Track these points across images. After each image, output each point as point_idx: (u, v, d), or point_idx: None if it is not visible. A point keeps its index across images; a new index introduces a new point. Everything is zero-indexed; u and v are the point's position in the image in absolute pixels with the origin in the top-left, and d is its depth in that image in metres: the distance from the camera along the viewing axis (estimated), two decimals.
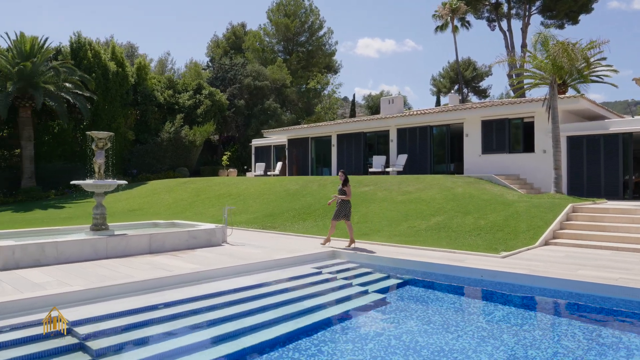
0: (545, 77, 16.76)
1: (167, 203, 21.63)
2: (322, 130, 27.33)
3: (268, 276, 8.19)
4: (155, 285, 7.18)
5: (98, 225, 10.15)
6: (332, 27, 52.08)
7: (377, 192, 17.21)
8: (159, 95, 35.46)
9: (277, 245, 11.03)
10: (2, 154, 30.77)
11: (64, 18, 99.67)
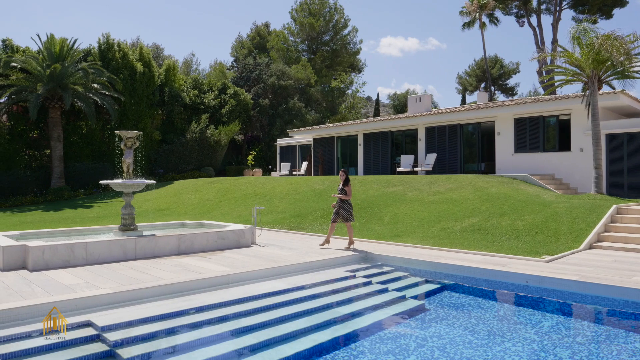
0: (578, 73, 16.08)
1: (193, 203, 21.57)
2: (348, 130, 26.96)
3: (300, 280, 7.89)
4: (185, 288, 6.95)
5: (127, 226, 10.01)
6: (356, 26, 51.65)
7: (406, 192, 16.77)
8: (185, 96, 35.61)
9: (307, 246, 10.73)
10: (33, 154, 31.28)
11: (92, 20, 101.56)
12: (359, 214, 15.28)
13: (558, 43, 27.99)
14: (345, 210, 10.40)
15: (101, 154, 31.81)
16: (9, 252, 7.99)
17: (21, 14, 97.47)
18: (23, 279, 7.23)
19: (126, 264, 8.50)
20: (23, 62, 27.22)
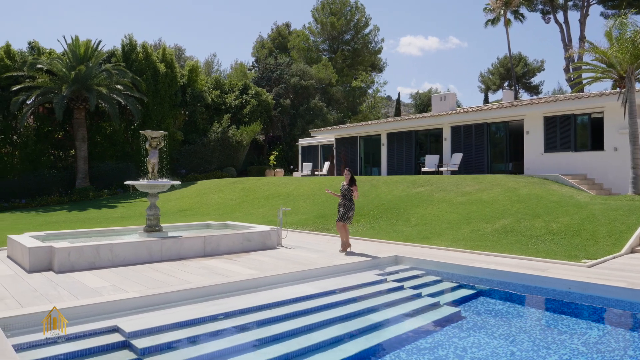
0: (608, 70, 15.47)
1: (216, 203, 21.49)
2: (371, 129, 26.62)
3: (329, 284, 7.63)
4: (212, 292, 6.75)
5: (152, 227, 9.88)
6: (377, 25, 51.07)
7: (433, 193, 16.37)
8: (206, 96, 35.70)
9: (334, 249, 10.46)
10: (58, 155, 31.70)
11: (115, 22, 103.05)
12: (385, 214, 14.96)
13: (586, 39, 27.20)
14: (347, 211, 9.90)
15: (125, 154, 32.06)
16: (35, 254, 7.90)
17: (46, 17, 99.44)
18: (49, 281, 7.12)
19: (152, 265, 8.35)
20: (49, 64, 27.56)
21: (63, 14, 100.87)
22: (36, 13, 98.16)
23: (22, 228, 15.95)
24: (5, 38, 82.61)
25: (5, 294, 6.31)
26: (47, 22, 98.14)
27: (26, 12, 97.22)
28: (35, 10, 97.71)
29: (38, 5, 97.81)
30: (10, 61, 28.39)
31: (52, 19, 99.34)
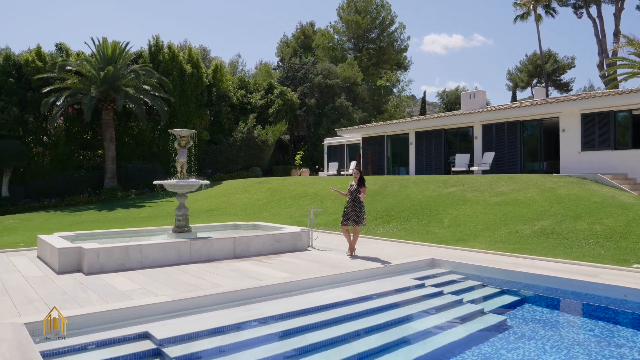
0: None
1: (242, 203, 21.33)
2: (399, 128, 26.13)
3: (365, 288, 7.27)
4: (245, 296, 6.47)
5: (181, 227, 9.69)
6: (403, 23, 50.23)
7: (466, 193, 15.85)
8: (232, 96, 35.71)
9: (368, 251, 10.10)
10: (87, 155, 32.11)
11: (141, 24, 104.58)
12: (416, 215, 14.52)
13: (622, 34, 26.19)
14: (357, 212, 9.31)
15: (151, 154, 32.28)
16: (64, 255, 7.77)
17: (74, 19, 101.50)
18: (78, 283, 6.95)
19: (181, 267, 8.13)
20: (78, 65, 27.89)
21: (90, 15, 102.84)
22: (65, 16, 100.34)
23: (52, 228, 16.04)
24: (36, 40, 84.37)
25: (35, 296, 6.15)
26: (75, 24, 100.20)
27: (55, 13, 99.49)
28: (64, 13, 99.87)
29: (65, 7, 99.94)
30: (41, 63, 28.85)
31: (79, 20, 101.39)
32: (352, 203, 9.33)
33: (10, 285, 6.81)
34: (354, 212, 9.27)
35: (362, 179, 9.48)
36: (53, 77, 28.45)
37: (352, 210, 9.28)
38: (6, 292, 6.37)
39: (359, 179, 9.43)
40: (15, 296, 6.17)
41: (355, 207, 9.29)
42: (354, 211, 9.27)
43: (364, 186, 9.43)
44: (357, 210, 9.28)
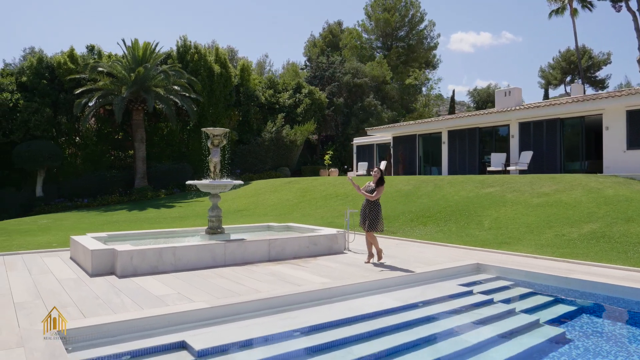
0: None
1: (272, 203, 21.08)
2: (431, 127, 25.49)
3: (409, 295, 6.84)
4: (284, 302, 6.12)
5: (214, 229, 9.42)
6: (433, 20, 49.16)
7: (505, 194, 15.20)
8: (260, 95, 35.59)
9: (406, 254, 9.64)
10: (118, 155, 32.45)
11: (168, 25, 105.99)
12: (453, 216, 13.96)
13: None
14: (373, 215, 8.53)
15: (181, 154, 32.41)
16: (97, 257, 7.57)
17: (104, 21, 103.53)
18: (111, 286, 6.72)
19: (216, 271, 7.85)
20: (109, 66, 28.16)
21: (118, 17, 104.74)
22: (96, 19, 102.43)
23: (84, 228, 16.07)
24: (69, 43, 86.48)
25: (68, 300, 5.93)
26: (105, 26, 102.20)
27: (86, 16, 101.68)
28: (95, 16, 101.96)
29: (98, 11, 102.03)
30: (73, 65, 29.26)
31: (108, 22, 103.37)
32: (369, 204, 8.64)
33: (43, 288, 6.63)
34: (370, 215, 8.56)
35: (381, 179, 8.72)
36: (85, 79, 28.82)
37: (370, 213, 8.58)
38: (39, 296, 6.18)
39: (378, 179, 8.70)
40: (48, 300, 5.96)
41: (372, 209, 8.58)
42: (370, 214, 8.57)
43: (382, 186, 8.68)
44: (374, 212, 8.56)
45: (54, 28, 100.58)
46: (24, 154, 26.30)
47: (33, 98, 28.24)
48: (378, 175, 8.73)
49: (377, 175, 8.72)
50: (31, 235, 14.68)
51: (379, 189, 8.63)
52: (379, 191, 8.61)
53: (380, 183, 8.66)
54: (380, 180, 8.69)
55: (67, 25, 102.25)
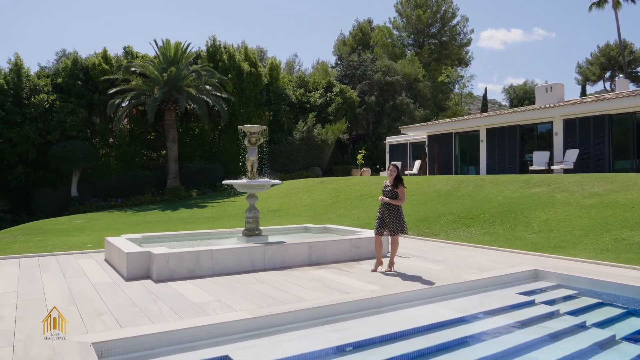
0: None
1: (305, 204, 20.66)
2: (468, 125, 24.63)
3: (465, 304, 6.26)
4: (332, 312, 5.63)
5: (251, 230, 9.02)
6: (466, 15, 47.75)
7: (553, 194, 14.36)
8: (291, 94, 35.25)
9: (455, 258, 9.03)
10: (150, 155, 32.62)
11: (197, 26, 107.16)
12: (498, 218, 13.23)
13: None
14: (395, 218, 7.62)
15: (212, 154, 32.37)
16: (132, 260, 7.24)
17: (136, 23, 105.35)
18: (148, 292, 6.36)
19: (255, 275, 7.42)
20: (141, 66, 28.28)
21: (148, 19, 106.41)
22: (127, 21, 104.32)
23: (118, 228, 15.96)
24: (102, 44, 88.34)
25: (103, 308, 5.58)
26: (136, 29, 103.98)
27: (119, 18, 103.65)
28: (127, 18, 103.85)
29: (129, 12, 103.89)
30: (106, 66, 29.52)
31: (139, 24, 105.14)
32: (388, 207, 7.69)
33: (77, 293, 6.32)
34: (391, 218, 7.61)
35: (399, 177, 7.76)
36: (118, 79, 29.03)
37: (389, 216, 7.62)
38: (73, 302, 5.86)
39: (395, 177, 7.73)
40: (82, 307, 5.63)
41: (392, 211, 7.63)
42: (391, 217, 7.61)
43: (402, 185, 7.71)
44: (394, 215, 7.61)
45: (86, 31, 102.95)
46: (60, 154, 26.62)
47: (69, 99, 28.60)
48: (395, 172, 7.76)
49: (394, 173, 7.74)
50: (66, 235, 14.63)
51: (401, 190, 7.68)
52: (402, 193, 7.67)
53: (399, 182, 7.71)
54: (398, 179, 7.73)
55: (99, 28, 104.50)
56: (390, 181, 7.78)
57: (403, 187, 7.70)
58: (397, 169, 7.84)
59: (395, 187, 7.68)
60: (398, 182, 7.69)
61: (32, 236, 14.81)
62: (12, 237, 15.30)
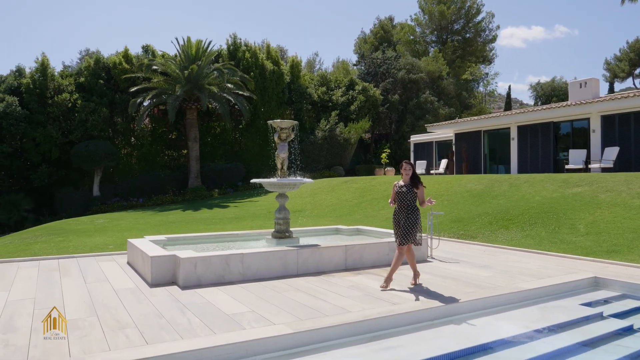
0: None
1: (330, 204, 20.05)
2: (498, 122, 23.72)
3: (527, 318, 5.59)
4: (380, 326, 5.01)
5: (281, 232, 8.45)
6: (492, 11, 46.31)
7: (597, 194, 13.49)
8: (313, 93, 34.67)
9: (502, 263, 8.32)
10: (171, 155, 32.36)
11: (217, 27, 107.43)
12: (539, 220, 12.42)
13: None
14: (411, 225, 6.46)
15: (233, 154, 31.98)
16: (157, 264, 6.72)
17: (156, 23, 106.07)
18: (175, 301, 5.82)
19: (289, 282, 6.83)
20: (162, 65, 28.00)
21: (167, 19, 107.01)
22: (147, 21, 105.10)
23: (140, 228, 15.57)
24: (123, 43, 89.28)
25: (127, 319, 5.04)
26: (156, 28, 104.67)
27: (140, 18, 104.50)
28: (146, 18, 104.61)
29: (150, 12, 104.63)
30: (128, 65, 29.33)
31: (159, 24, 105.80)
32: (406, 211, 6.51)
33: (99, 301, 5.81)
34: (407, 225, 6.47)
35: (415, 176, 6.64)
36: (139, 78, 28.82)
37: (406, 222, 6.48)
38: (94, 311, 5.34)
39: (410, 176, 6.62)
40: (104, 317, 5.11)
41: (410, 217, 6.48)
42: (407, 223, 6.47)
43: (421, 185, 6.60)
44: (412, 221, 6.47)
45: (108, 30, 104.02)
46: (82, 154, 26.48)
47: (91, 98, 28.48)
48: (410, 171, 6.62)
49: (409, 172, 6.61)
50: (87, 235, 14.27)
51: (421, 191, 6.58)
52: (422, 195, 6.58)
53: (417, 181, 6.60)
54: (416, 178, 6.63)
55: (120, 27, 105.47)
56: (406, 181, 6.62)
57: (423, 186, 6.61)
58: (412, 167, 6.68)
59: (415, 187, 6.54)
60: (417, 182, 6.58)
61: (54, 236, 14.50)
62: (33, 237, 15.02)
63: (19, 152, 27.30)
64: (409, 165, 6.65)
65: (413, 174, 6.64)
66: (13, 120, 26.01)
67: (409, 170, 6.61)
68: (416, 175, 6.64)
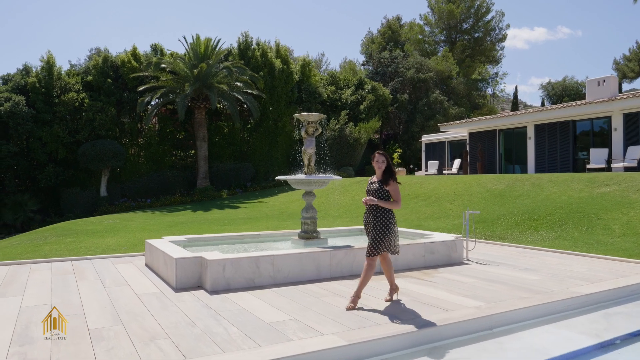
0: None
1: (344, 204, 19.56)
2: (514, 121, 23.20)
3: (594, 326, 5.09)
4: (438, 336, 4.51)
5: (309, 233, 7.96)
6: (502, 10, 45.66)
7: (628, 194, 12.96)
8: (322, 92, 34.19)
9: (546, 266, 7.80)
10: (179, 155, 31.90)
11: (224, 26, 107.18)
12: (570, 220, 11.89)
13: None
14: (381, 229, 5.28)
15: (242, 154, 31.51)
16: (182, 267, 6.24)
17: (165, 21, 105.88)
18: (205, 306, 5.33)
19: (323, 285, 6.33)
20: (171, 63, 27.57)
21: (176, 18, 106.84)
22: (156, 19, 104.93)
23: (152, 229, 15.11)
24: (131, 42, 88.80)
25: (156, 328, 4.55)
26: (165, 26, 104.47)
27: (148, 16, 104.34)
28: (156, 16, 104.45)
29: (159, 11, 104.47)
30: (136, 63, 28.91)
31: (168, 23, 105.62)
32: (375, 212, 5.34)
33: (122, 308, 5.32)
34: (376, 229, 5.30)
35: (389, 170, 5.38)
36: (147, 77, 28.40)
37: (374, 226, 5.32)
38: (119, 319, 4.85)
39: (383, 170, 5.36)
40: (131, 326, 4.62)
41: (379, 219, 5.30)
42: (376, 226, 5.30)
43: (393, 181, 5.33)
44: (381, 224, 5.28)
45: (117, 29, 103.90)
46: (89, 154, 26.04)
47: (98, 97, 28.05)
48: (383, 164, 5.35)
49: (382, 165, 5.35)
50: (98, 236, 13.81)
51: (393, 187, 5.31)
52: (395, 192, 5.31)
53: (391, 175, 5.36)
54: (389, 172, 5.38)
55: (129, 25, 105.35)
56: (379, 176, 5.43)
57: (396, 183, 5.35)
58: (387, 158, 5.42)
59: (385, 183, 5.33)
60: (388, 177, 5.34)
61: (63, 237, 14.03)
62: (42, 238, 14.57)
63: (25, 151, 26.87)
64: (382, 157, 5.38)
65: (387, 168, 5.37)
66: (19, 119, 25.61)
67: (382, 163, 5.35)
68: (390, 169, 5.40)
